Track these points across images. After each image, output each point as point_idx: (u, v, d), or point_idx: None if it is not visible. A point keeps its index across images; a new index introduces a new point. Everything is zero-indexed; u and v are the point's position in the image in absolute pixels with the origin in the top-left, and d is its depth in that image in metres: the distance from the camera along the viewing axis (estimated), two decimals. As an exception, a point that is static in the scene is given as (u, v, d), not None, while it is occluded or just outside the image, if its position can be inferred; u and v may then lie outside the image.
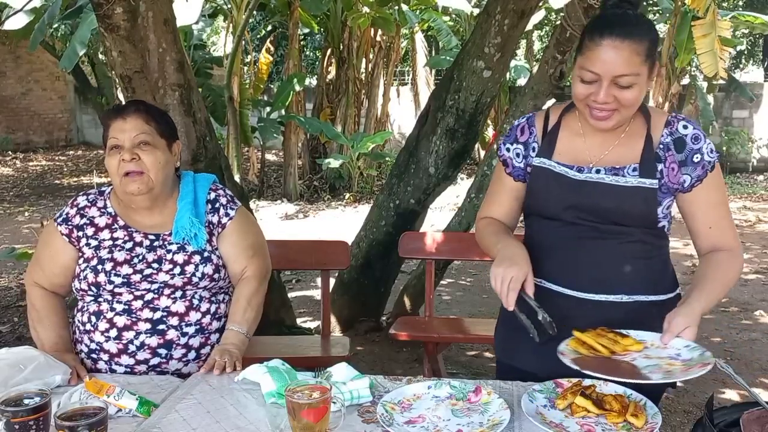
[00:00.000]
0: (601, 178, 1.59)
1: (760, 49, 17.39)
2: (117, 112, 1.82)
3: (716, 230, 1.63)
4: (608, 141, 1.63)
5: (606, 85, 1.51)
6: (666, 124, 1.62)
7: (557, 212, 1.64)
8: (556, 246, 1.66)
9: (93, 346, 1.80)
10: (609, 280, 1.62)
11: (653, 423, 1.39)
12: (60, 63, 8.81)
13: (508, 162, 1.74)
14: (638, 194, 1.58)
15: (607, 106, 1.53)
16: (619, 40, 1.48)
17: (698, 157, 1.59)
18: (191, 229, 1.82)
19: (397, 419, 1.42)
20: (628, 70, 1.49)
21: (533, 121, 1.73)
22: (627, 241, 1.62)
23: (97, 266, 1.78)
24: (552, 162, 1.65)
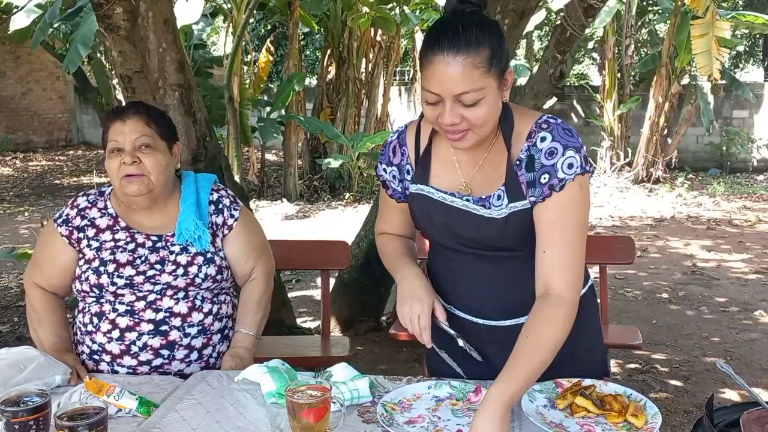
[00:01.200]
0: (476, 209, 1.46)
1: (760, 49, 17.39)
2: (116, 115, 1.81)
3: (550, 259, 1.40)
4: (475, 160, 1.49)
5: (449, 105, 1.34)
6: (528, 135, 1.44)
7: (444, 240, 1.54)
8: (455, 273, 1.57)
9: (95, 347, 1.80)
10: (512, 305, 1.52)
11: (653, 423, 1.40)
12: (63, 64, 8.80)
13: (388, 184, 1.62)
14: (512, 221, 1.44)
15: (456, 127, 1.37)
16: (450, 55, 1.31)
17: (546, 177, 1.40)
18: (195, 231, 1.81)
19: (397, 419, 1.42)
20: (466, 86, 1.32)
21: (404, 139, 1.58)
22: (521, 260, 1.48)
23: (99, 268, 1.78)
24: (429, 188, 1.52)
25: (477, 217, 1.47)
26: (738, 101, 11.19)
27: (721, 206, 8.76)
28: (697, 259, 6.19)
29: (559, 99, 11.24)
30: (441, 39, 1.33)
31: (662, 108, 10.19)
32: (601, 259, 3.04)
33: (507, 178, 1.45)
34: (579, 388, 1.49)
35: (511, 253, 1.50)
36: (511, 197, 1.44)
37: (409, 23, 10.34)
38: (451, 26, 1.34)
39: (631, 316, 4.63)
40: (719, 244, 6.75)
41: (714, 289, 5.27)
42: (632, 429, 1.39)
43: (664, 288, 5.32)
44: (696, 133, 11.12)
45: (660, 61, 10.11)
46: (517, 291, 1.52)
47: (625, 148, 10.62)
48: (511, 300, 1.53)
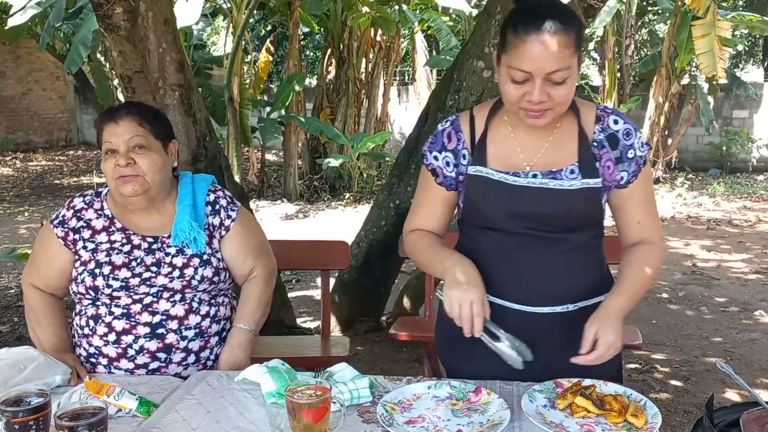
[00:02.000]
0: (543, 183, 1.51)
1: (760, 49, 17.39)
2: (109, 116, 1.79)
3: (644, 225, 1.59)
4: (540, 142, 1.54)
5: (539, 83, 1.40)
6: (597, 120, 1.54)
7: (499, 222, 1.54)
8: (496, 258, 1.57)
9: (92, 350, 1.79)
10: (555, 291, 1.56)
11: (653, 423, 1.40)
12: (65, 65, 8.81)
13: (438, 171, 1.62)
14: (582, 196, 1.50)
15: (542, 105, 1.43)
16: (548, 33, 1.37)
17: (632, 153, 1.54)
18: (190, 232, 1.80)
19: (397, 419, 1.42)
20: (559, 64, 1.39)
21: (459, 126, 1.60)
22: (568, 249, 1.55)
23: (95, 270, 1.77)
24: (488, 169, 1.54)
25: (544, 190, 1.50)
26: (738, 101, 11.19)
27: (721, 206, 8.76)
28: (697, 259, 6.18)
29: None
30: (535, 18, 1.39)
31: (662, 108, 10.19)
32: (601, 259, 3.03)
33: (580, 155, 1.52)
34: (579, 388, 1.49)
35: (562, 235, 1.54)
36: (585, 174, 1.51)
37: (409, 23, 10.34)
38: (541, 7, 1.41)
39: (631, 316, 4.59)
40: (719, 244, 6.75)
41: (714, 289, 5.27)
42: (632, 429, 1.39)
43: (664, 288, 5.32)
44: (696, 133, 11.12)
45: (660, 61, 10.11)
46: (567, 278, 1.56)
47: (625, 148, 10.60)
48: (560, 287, 1.56)
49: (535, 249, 1.55)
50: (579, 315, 1.56)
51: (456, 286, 1.46)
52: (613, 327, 1.48)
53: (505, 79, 1.46)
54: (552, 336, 1.57)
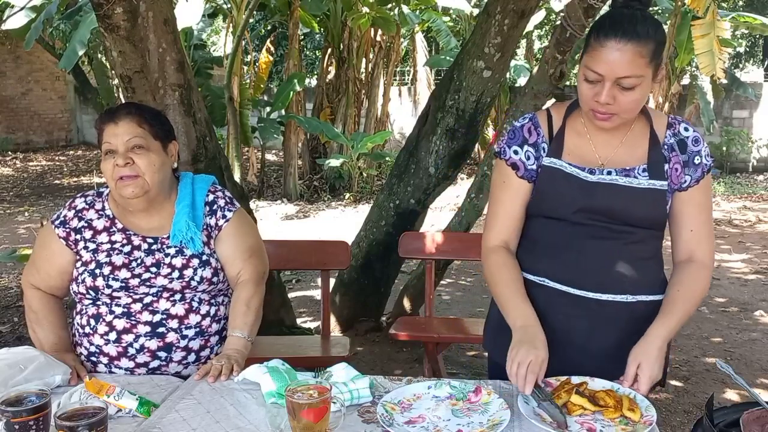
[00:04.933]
0: (614, 180, 1.59)
1: (760, 50, 17.40)
2: (109, 116, 1.79)
3: (696, 235, 1.64)
4: (613, 141, 1.62)
5: (608, 86, 1.49)
6: (668, 126, 1.64)
7: (566, 214, 1.61)
8: (560, 245, 1.64)
9: (92, 349, 1.79)
10: (613, 279, 1.62)
11: (648, 415, 1.41)
12: (60, 63, 8.80)
13: (519, 165, 1.66)
14: (649, 196, 1.58)
15: (607, 108, 1.52)
16: (623, 41, 1.46)
17: (698, 159, 1.62)
18: (188, 232, 1.80)
19: (397, 419, 1.42)
20: (630, 71, 1.47)
21: (537, 122, 1.68)
22: (631, 241, 1.61)
23: (95, 270, 1.77)
24: (563, 162, 1.62)
25: (613, 187, 1.58)
26: (738, 101, 11.19)
27: (721, 206, 8.76)
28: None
29: (558, 99, 11.13)
30: (615, 27, 1.48)
31: (662, 108, 10.18)
32: (601, 259, 3.03)
33: (650, 158, 1.60)
34: (572, 386, 1.49)
35: (627, 228, 1.59)
36: (653, 175, 1.59)
37: (409, 23, 10.34)
38: (625, 17, 1.49)
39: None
40: (719, 244, 6.75)
41: (714, 289, 5.27)
42: (629, 423, 1.40)
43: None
44: (696, 133, 11.11)
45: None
46: (628, 268, 1.61)
47: (625, 148, 10.60)
48: (621, 276, 1.61)
49: (597, 237, 1.61)
50: (638, 311, 1.62)
51: (519, 347, 1.50)
52: (655, 361, 1.53)
53: (580, 78, 1.55)
54: (610, 326, 1.62)
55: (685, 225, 1.64)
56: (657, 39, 1.49)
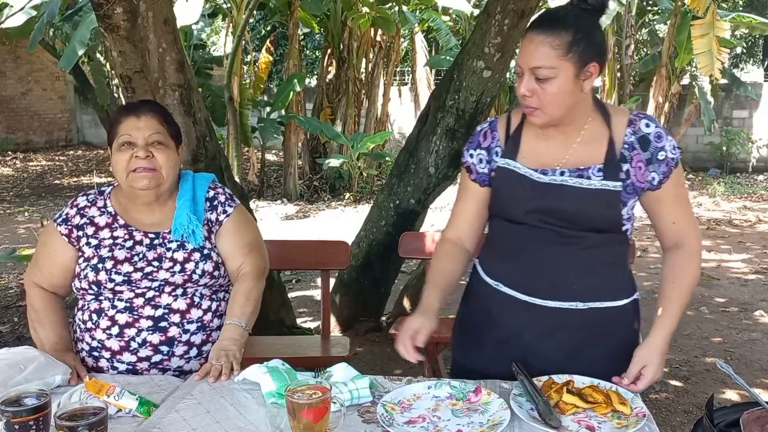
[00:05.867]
0: (565, 181, 1.57)
1: (760, 50, 17.40)
2: (131, 110, 1.83)
3: (679, 225, 1.65)
4: (568, 142, 1.61)
5: (525, 77, 1.52)
6: (629, 123, 1.60)
7: (519, 215, 1.62)
8: (514, 248, 1.65)
9: (94, 344, 1.80)
10: (565, 286, 1.61)
11: (638, 407, 1.42)
12: (59, 63, 8.80)
13: (472, 168, 1.71)
14: (601, 197, 1.56)
15: (528, 101, 1.54)
16: (536, 33, 1.51)
17: (663, 155, 1.58)
18: (189, 225, 1.83)
19: (397, 419, 1.43)
20: (541, 62, 1.49)
21: (495, 126, 1.71)
22: (586, 246, 1.60)
23: (98, 265, 1.79)
24: (516, 163, 1.63)
25: (564, 188, 1.57)
26: (738, 101, 11.19)
27: (721, 206, 8.76)
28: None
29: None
30: (537, 20, 1.54)
31: (662, 108, 10.19)
32: (601, 259, 3.03)
33: (606, 158, 1.58)
34: (558, 385, 1.49)
35: (584, 233, 1.59)
36: (607, 175, 1.56)
37: (408, 23, 10.34)
38: (552, 12, 1.56)
39: (631, 316, 4.62)
40: (719, 244, 6.75)
41: (714, 289, 5.27)
42: (622, 417, 1.40)
43: (664, 288, 5.31)
44: (696, 133, 11.12)
45: (660, 61, 10.11)
46: (578, 275, 1.61)
47: (625, 148, 10.60)
48: (569, 282, 1.61)
49: (550, 243, 1.60)
50: (592, 317, 1.61)
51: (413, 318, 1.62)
52: (658, 362, 1.58)
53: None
54: (562, 332, 1.61)
55: (667, 219, 1.65)
56: (575, 32, 1.49)
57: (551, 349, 1.62)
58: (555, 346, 1.62)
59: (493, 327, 1.68)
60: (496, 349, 1.66)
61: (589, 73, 1.53)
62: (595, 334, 1.62)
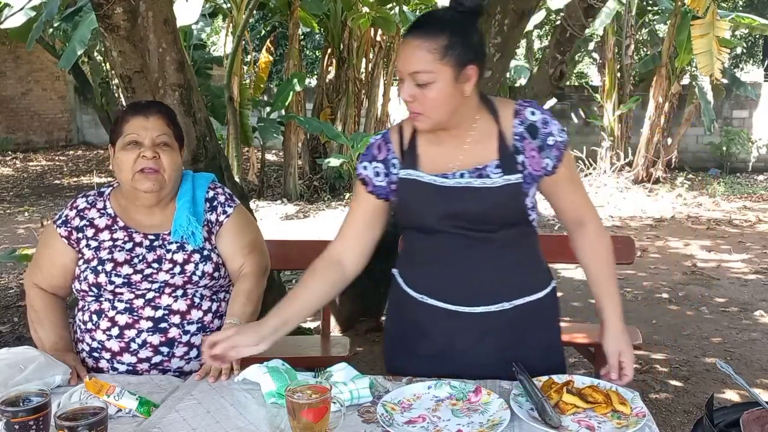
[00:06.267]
0: (469, 182, 1.57)
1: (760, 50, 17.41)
2: (138, 110, 1.83)
3: (577, 203, 1.67)
4: (460, 144, 1.61)
5: (406, 82, 1.51)
6: (515, 114, 1.61)
7: (432, 223, 1.60)
8: (433, 260, 1.64)
9: (95, 344, 1.81)
10: (490, 290, 1.61)
11: (638, 407, 1.42)
12: (59, 63, 8.80)
13: (368, 180, 1.67)
14: (505, 192, 1.56)
15: (412, 106, 1.53)
16: (412, 37, 1.49)
17: (552, 140, 1.59)
18: (188, 227, 1.83)
19: (397, 419, 1.43)
20: (419, 67, 1.48)
21: (389, 137, 1.68)
22: (502, 246, 1.60)
23: (98, 267, 1.79)
24: (418, 172, 1.61)
25: (470, 190, 1.56)
26: (738, 101, 11.19)
27: (721, 206, 8.76)
28: (697, 259, 6.18)
29: (559, 99, 11.23)
30: (414, 25, 1.53)
31: (662, 108, 10.19)
32: (601, 259, 3.03)
33: (500, 153, 1.58)
34: (559, 386, 1.49)
35: (493, 235, 1.59)
36: (506, 170, 1.57)
37: (408, 23, 10.34)
38: (427, 16, 1.55)
39: (631, 316, 4.62)
40: (719, 244, 6.75)
41: (714, 289, 5.27)
42: (622, 417, 1.40)
43: (663, 288, 5.32)
44: (696, 133, 11.12)
45: (660, 61, 10.10)
46: (499, 277, 1.61)
47: (625, 148, 10.60)
48: (492, 286, 1.61)
49: (466, 249, 1.60)
50: (518, 314, 1.62)
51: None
52: (628, 344, 1.63)
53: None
54: (493, 336, 1.62)
55: (565, 199, 1.67)
56: (451, 36, 1.48)
57: (484, 354, 1.62)
58: (488, 350, 1.62)
59: (424, 339, 1.67)
60: (430, 359, 1.66)
61: (468, 75, 1.52)
62: (522, 331, 1.63)
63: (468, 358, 1.63)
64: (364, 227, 1.71)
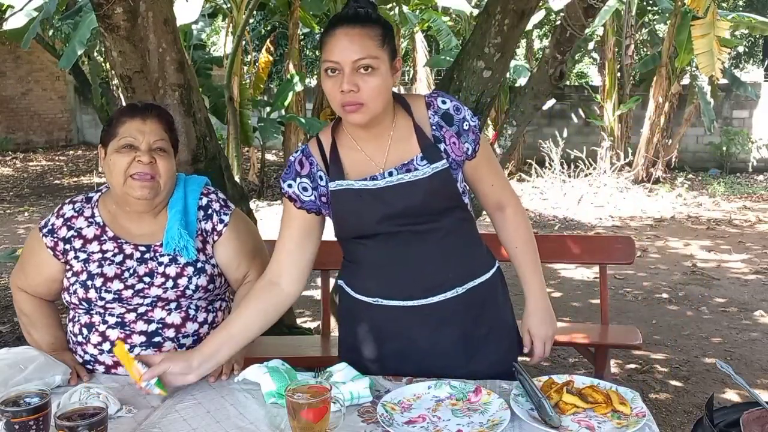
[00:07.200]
0: (400, 179, 1.58)
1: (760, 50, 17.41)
2: (135, 112, 1.75)
3: (497, 186, 1.72)
4: (383, 143, 1.62)
5: (348, 71, 1.50)
6: (428, 106, 1.64)
7: (371, 227, 1.60)
8: (379, 262, 1.64)
9: (87, 357, 1.76)
10: (441, 278, 1.63)
11: (638, 407, 1.42)
12: (59, 62, 8.80)
13: (295, 197, 1.65)
14: (436, 179, 1.58)
15: (353, 97, 1.51)
16: (349, 26, 1.51)
17: (467, 125, 1.64)
18: (180, 240, 1.74)
19: (397, 419, 1.43)
20: (363, 53, 1.49)
21: (309, 151, 1.67)
22: (442, 235, 1.62)
23: (87, 282, 1.72)
24: (347, 181, 1.61)
25: (403, 185, 1.58)
26: (738, 101, 11.19)
27: (721, 206, 8.76)
28: (697, 259, 6.19)
29: (558, 99, 11.24)
30: (342, 17, 1.55)
31: (662, 108, 10.19)
32: (601, 259, 3.04)
33: (422, 145, 1.61)
34: (559, 386, 1.49)
35: (435, 224, 1.61)
36: (431, 160, 1.59)
37: (408, 23, 10.34)
38: (349, 12, 1.56)
39: (630, 316, 4.63)
40: (719, 244, 6.75)
41: (714, 289, 5.27)
42: (622, 417, 1.40)
43: (663, 288, 5.32)
44: (696, 133, 11.12)
45: (660, 61, 10.11)
46: (447, 264, 1.63)
47: (625, 148, 10.61)
48: (443, 274, 1.64)
49: (410, 244, 1.61)
50: (470, 297, 1.65)
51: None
52: (542, 320, 1.73)
53: (324, 78, 1.55)
54: (452, 322, 1.65)
55: (486, 183, 1.71)
56: (382, 25, 1.55)
57: (448, 342, 1.65)
58: (450, 339, 1.65)
59: (386, 340, 1.67)
60: (394, 359, 1.67)
61: (396, 67, 1.57)
62: (478, 312, 1.66)
63: (432, 349, 1.65)
64: (298, 245, 1.68)
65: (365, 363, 1.69)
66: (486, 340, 1.67)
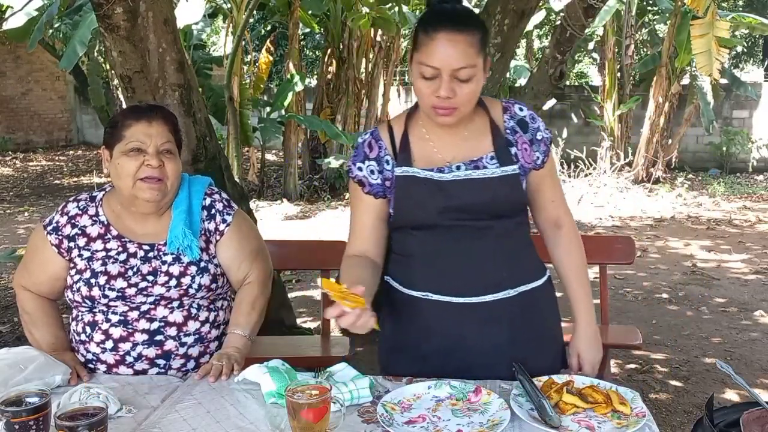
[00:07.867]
0: (468, 174, 1.59)
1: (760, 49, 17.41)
2: (141, 114, 1.75)
3: (557, 203, 1.72)
4: (455, 138, 1.62)
5: (446, 79, 1.49)
6: (504, 110, 1.66)
7: (430, 218, 1.60)
8: (432, 255, 1.63)
9: (89, 356, 1.77)
10: (494, 278, 1.63)
11: (638, 407, 1.42)
12: (60, 63, 8.80)
13: (364, 181, 1.67)
14: (505, 183, 1.59)
15: (448, 102, 1.51)
16: (453, 33, 1.48)
17: (540, 135, 1.65)
18: (184, 240, 1.76)
19: (397, 419, 1.43)
20: (465, 62, 1.48)
21: (378, 135, 1.67)
22: (499, 235, 1.62)
23: (90, 279, 1.73)
24: (415, 168, 1.61)
25: (470, 181, 1.58)
26: (738, 101, 11.19)
27: (721, 206, 8.76)
28: (697, 259, 6.18)
29: (559, 99, 11.24)
30: (443, 20, 1.50)
31: (662, 108, 10.19)
32: (601, 259, 3.03)
33: (495, 145, 1.61)
34: (559, 386, 1.49)
35: (494, 222, 1.61)
36: (502, 162, 1.60)
37: (408, 23, 10.33)
38: (448, 12, 1.52)
39: (631, 316, 4.63)
40: (719, 244, 6.75)
41: (714, 289, 5.27)
42: (622, 417, 1.40)
43: (663, 288, 5.32)
44: (696, 133, 11.12)
45: (660, 61, 10.10)
46: (501, 264, 1.63)
47: (625, 148, 10.61)
48: (496, 273, 1.63)
49: (466, 240, 1.61)
50: (521, 301, 1.64)
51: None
52: (591, 345, 1.73)
53: (416, 77, 1.53)
54: (501, 323, 1.64)
55: (547, 197, 1.70)
56: (482, 31, 1.53)
57: (495, 344, 1.63)
58: (497, 340, 1.63)
59: (434, 337, 1.65)
60: (438, 356, 1.65)
61: (487, 66, 1.56)
62: (528, 317, 1.66)
63: (479, 348, 1.63)
64: (373, 228, 1.69)
65: (408, 362, 1.68)
66: (532, 347, 1.65)
